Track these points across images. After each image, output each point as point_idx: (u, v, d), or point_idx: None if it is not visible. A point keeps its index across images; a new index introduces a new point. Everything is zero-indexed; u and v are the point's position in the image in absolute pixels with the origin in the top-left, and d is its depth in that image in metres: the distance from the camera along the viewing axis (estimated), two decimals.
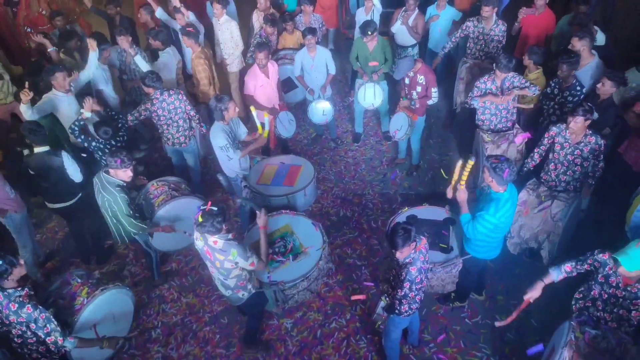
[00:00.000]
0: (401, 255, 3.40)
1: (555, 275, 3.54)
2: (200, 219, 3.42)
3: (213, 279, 4.00)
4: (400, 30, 6.63)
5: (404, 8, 6.54)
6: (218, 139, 4.75)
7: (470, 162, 3.84)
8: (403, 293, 3.45)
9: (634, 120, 4.64)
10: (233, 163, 5.00)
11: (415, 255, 3.41)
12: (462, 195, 3.87)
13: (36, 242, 5.30)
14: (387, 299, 3.78)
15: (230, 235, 3.57)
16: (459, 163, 3.91)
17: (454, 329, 4.55)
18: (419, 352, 4.39)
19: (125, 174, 4.28)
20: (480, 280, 4.64)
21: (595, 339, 3.23)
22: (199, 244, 3.66)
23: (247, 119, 6.43)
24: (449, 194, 4.02)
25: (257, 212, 3.86)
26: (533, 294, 3.60)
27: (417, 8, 6.54)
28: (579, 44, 5.02)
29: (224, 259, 3.55)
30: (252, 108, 5.14)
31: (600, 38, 5.53)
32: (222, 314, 4.82)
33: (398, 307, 3.54)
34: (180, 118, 5.33)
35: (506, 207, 3.70)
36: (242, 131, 5.08)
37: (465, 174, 3.86)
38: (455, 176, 3.90)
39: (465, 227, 3.92)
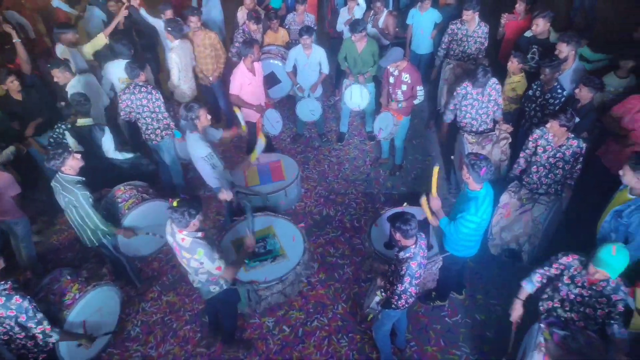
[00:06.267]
0: (403, 243, 3.43)
1: (529, 287, 3.63)
2: (175, 204, 3.36)
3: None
4: (371, 33, 6.64)
5: (372, 11, 6.57)
6: (199, 149, 4.47)
7: (436, 169, 3.89)
8: (403, 288, 3.45)
9: (611, 124, 4.73)
10: (218, 172, 4.75)
11: (415, 250, 3.43)
12: (436, 203, 3.94)
13: None
14: (384, 294, 3.77)
15: (199, 234, 3.49)
16: (436, 169, 3.95)
17: (434, 327, 4.59)
18: (401, 352, 4.41)
19: (76, 162, 4.12)
20: (460, 279, 4.69)
21: (564, 339, 3.29)
22: (169, 239, 3.61)
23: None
24: (424, 205, 4.00)
25: (248, 231, 3.92)
26: (516, 314, 3.70)
27: (385, 9, 6.58)
28: (566, 49, 5.07)
29: (190, 257, 3.49)
30: (235, 109, 5.08)
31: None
32: (203, 312, 4.77)
33: (396, 302, 3.54)
34: (149, 116, 5.23)
35: (485, 204, 3.74)
36: (217, 133, 4.88)
37: (434, 181, 3.91)
38: (434, 185, 3.95)
39: (446, 230, 3.95)
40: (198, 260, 3.48)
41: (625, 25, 6.11)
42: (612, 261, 3.08)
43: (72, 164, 4.09)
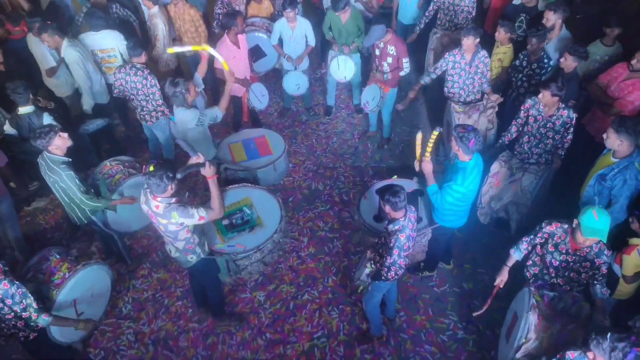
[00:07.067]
0: (392, 215, 3.45)
1: (517, 255, 3.74)
2: (152, 168, 3.31)
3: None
4: (357, 7, 6.51)
5: None
6: (189, 118, 4.43)
7: (435, 133, 3.86)
8: (392, 260, 3.48)
9: (596, 93, 4.74)
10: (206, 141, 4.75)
11: (405, 223, 3.45)
12: (428, 166, 3.92)
13: None
14: (374, 266, 3.81)
15: (173, 200, 3.46)
16: (419, 135, 3.95)
17: (423, 297, 4.67)
18: (391, 321, 4.49)
19: (63, 141, 4.03)
20: (448, 249, 4.75)
21: (552, 300, 3.43)
22: (144, 207, 3.58)
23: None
24: (417, 167, 4.06)
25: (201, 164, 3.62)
26: (501, 279, 3.81)
27: None
28: (553, 17, 5.02)
29: (167, 223, 3.49)
30: (206, 47, 4.69)
31: None
32: None
33: (385, 274, 3.58)
34: (143, 99, 5.13)
35: (473, 175, 3.77)
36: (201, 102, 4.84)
37: (430, 144, 3.89)
38: (419, 149, 3.94)
39: (433, 198, 3.98)
40: (176, 222, 3.47)
41: None
42: (598, 225, 3.16)
43: (59, 144, 4.00)
